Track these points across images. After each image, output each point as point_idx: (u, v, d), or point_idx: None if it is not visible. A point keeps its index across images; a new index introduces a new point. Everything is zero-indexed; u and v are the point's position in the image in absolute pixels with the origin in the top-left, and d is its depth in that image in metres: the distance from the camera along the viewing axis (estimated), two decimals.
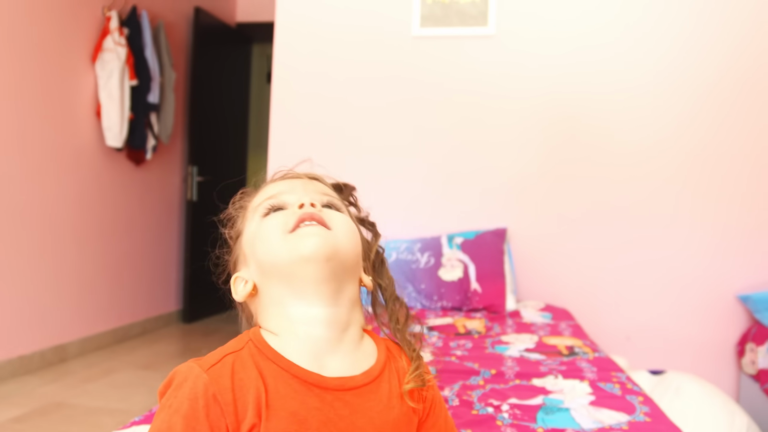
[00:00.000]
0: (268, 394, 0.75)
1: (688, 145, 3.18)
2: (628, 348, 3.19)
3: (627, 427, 1.44)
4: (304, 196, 0.88)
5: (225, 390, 0.74)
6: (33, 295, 3.66)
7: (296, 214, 0.85)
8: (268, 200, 0.90)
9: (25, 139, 3.54)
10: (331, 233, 0.83)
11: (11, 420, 2.88)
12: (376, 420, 0.80)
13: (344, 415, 0.78)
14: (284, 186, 0.92)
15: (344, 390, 0.79)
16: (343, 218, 0.88)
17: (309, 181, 0.94)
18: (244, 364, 0.78)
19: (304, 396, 0.76)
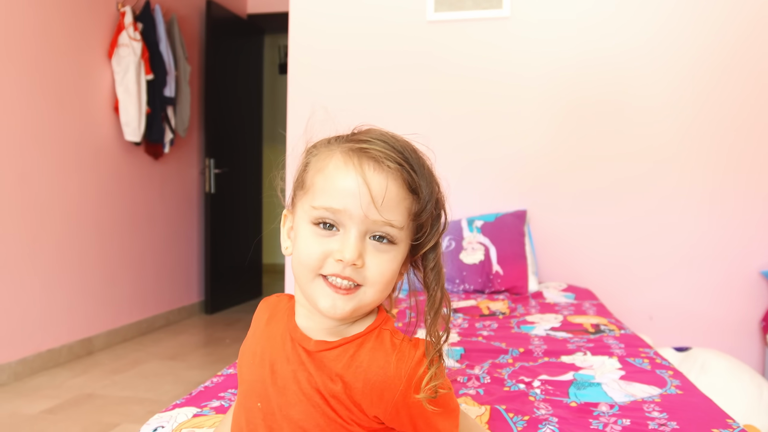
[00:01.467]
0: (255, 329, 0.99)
1: (708, 121, 3.16)
2: (651, 327, 3.20)
3: (660, 399, 1.45)
4: (353, 242, 0.82)
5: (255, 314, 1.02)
6: (59, 289, 3.71)
7: (332, 267, 0.83)
8: (324, 210, 0.83)
9: (45, 137, 3.57)
10: (356, 297, 0.84)
11: (44, 411, 2.93)
12: (306, 386, 0.87)
13: (290, 362, 0.89)
14: (348, 196, 0.82)
15: (301, 345, 0.89)
16: (382, 266, 0.84)
17: (380, 193, 0.82)
18: (273, 305, 1.00)
19: (281, 337, 0.92)
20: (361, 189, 0.81)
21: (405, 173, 0.84)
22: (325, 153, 0.88)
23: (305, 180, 0.88)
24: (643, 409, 1.38)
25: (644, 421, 1.31)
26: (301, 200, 0.88)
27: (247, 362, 0.95)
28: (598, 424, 1.29)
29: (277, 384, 0.89)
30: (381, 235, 0.84)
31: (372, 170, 0.83)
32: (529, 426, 1.28)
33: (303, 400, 0.86)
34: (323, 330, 0.88)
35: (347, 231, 0.83)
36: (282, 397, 0.88)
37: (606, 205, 3.26)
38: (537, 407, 1.39)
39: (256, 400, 0.91)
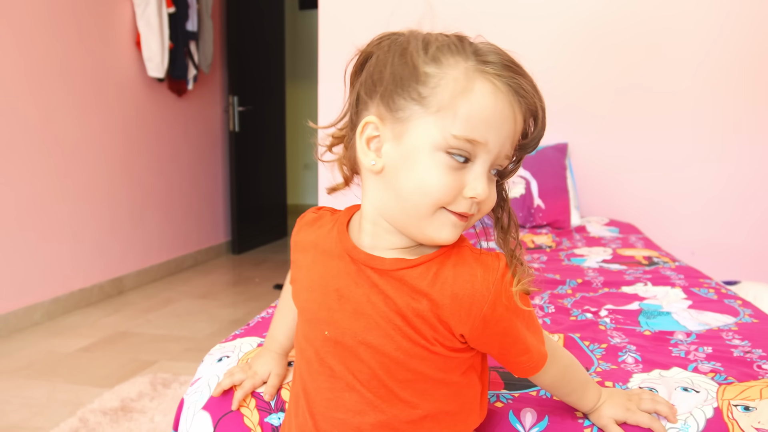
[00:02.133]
0: (309, 253, 0.90)
1: (753, 53, 3.04)
2: (693, 262, 3.13)
3: (736, 328, 1.39)
4: (484, 178, 0.77)
5: (296, 234, 0.96)
6: (88, 229, 3.68)
7: (462, 204, 0.77)
8: (466, 142, 0.75)
9: (67, 73, 3.49)
10: (470, 222, 0.81)
11: (81, 350, 2.93)
12: (389, 303, 0.81)
13: (361, 284, 0.83)
14: (493, 129, 0.76)
15: (370, 267, 0.82)
16: (492, 197, 0.80)
17: (519, 129, 0.79)
18: (316, 223, 0.93)
19: (338, 260, 0.85)
20: (508, 123, 0.77)
21: (539, 113, 0.80)
22: (456, 68, 0.76)
23: (432, 98, 0.76)
24: (722, 337, 1.33)
25: (727, 348, 1.25)
26: (423, 119, 0.76)
27: (305, 291, 0.89)
28: (679, 352, 1.24)
29: (347, 310, 0.83)
30: (500, 169, 0.81)
31: (518, 105, 0.78)
32: (608, 354, 1.23)
33: (381, 324, 0.80)
34: (395, 249, 0.82)
35: (478, 164, 0.77)
36: (356, 323, 0.82)
37: (647, 139, 3.16)
38: (611, 336, 1.34)
39: (323, 329, 0.85)
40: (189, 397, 1.12)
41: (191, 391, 1.14)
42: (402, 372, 0.82)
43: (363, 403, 0.83)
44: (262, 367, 1.10)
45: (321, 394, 0.86)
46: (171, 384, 2.38)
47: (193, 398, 1.11)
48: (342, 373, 0.84)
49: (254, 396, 1.07)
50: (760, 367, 1.14)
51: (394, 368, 0.81)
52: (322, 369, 0.86)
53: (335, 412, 0.85)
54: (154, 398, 2.22)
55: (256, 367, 1.10)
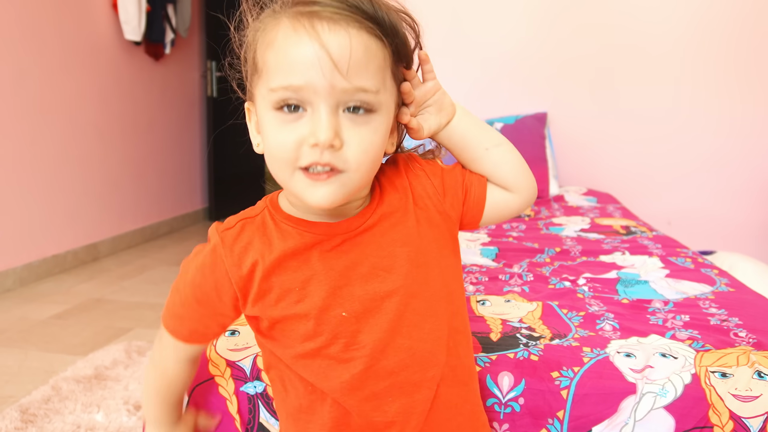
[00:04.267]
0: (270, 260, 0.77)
1: (727, 26, 3.04)
2: (669, 232, 3.15)
3: (713, 296, 1.40)
4: (325, 121, 0.69)
5: (231, 253, 0.78)
6: (61, 194, 3.61)
7: (309, 156, 0.70)
8: (284, 90, 0.70)
9: (41, 36, 3.39)
10: (341, 181, 0.71)
11: (54, 317, 2.89)
12: (387, 246, 0.78)
13: (352, 251, 0.78)
14: (308, 68, 0.69)
15: (350, 232, 0.78)
16: (364, 141, 0.71)
17: (343, 56, 0.68)
18: (255, 227, 0.80)
19: (313, 246, 0.78)
20: (320, 55, 0.68)
21: (367, 25, 0.70)
22: (271, 24, 0.73)
23: (256, 60, 0.74)
24: (700, 306, 1.33)
25: (704, 316, 1.26)
26: (257, 86, 0.74)
27: (297, 301, 0.78)
28: (656, 320, 1.24)
29: (355, 279, 0.77)
30: (356, 106, 0.71)
31: (327, 31, 0.68)
32: (586, 321, 1.23)
33: (391, 266, 0.78)
34: (345, 209, 0.78)
35: (315, 109, 0.69)
36: (368, 284, 0.77)
37: (624, 109, 3.17)
38: (589, 304, 1.34)
39: (338, 312, 0.77)
40: None
41: None
42: (421, 303, 0.79)
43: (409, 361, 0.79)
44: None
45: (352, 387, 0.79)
46: (146, 352, 2.35)
47: None
48: (372, 339, 0.78)
49: (229, 365, 1.06)
50: (736, 335, 1.15)
51: (414, 303, 0.79)
52: (348, 355, 0.78)
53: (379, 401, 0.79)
54: (128, 366, 2.20)
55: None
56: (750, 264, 2.48)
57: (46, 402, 1.92)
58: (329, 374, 0.78)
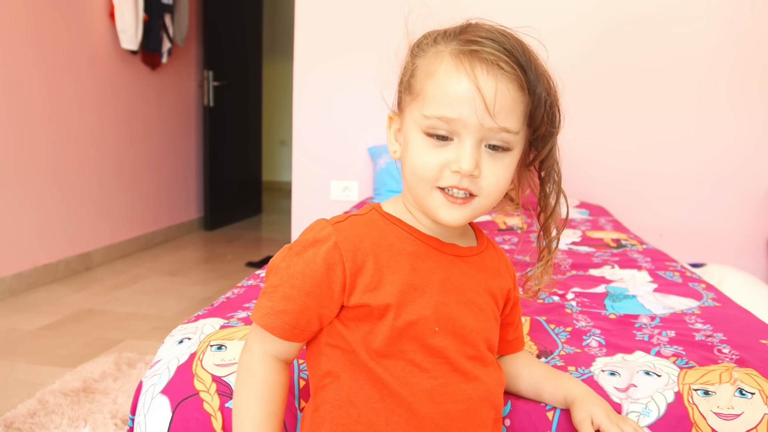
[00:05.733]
0: (385, 252, 0.83)
1: (722, 38, 3.06)
2: (661, 245, 3.16)
3: (699, 311, 1.40)
4: (469, 152, 0.78)
5: (347, 240, 0.82)
6: (55, 202, 3.61)
7: (449, 179, 0.79)
8: (437, 120, 0.79)
9: (38, 41, 3.40)
10: (472, 206, 0.82)
11: (44, 327, 2.87)
12: (481, 285, 0.88)
13: (458, 275, 0.86)
14: (462, 104, 0.77)
15: (456, 256, 0.88)
16: (498, 174, 0.81)
17: (494, 98, 0.77)
18: (366, 224, 0.86)
19: (425, 255, 0.85)
20: (475, 95, 0.77)
21: (518, 74, 0.79)
22: (433, 55, 0.82)
23: (413, 85, 0.83)
24: (685, 321, 1.33)
25: (689, 332, 1.26)
26: (409, 106, 0.84)
27: (391, 294, 0.81)
28: (642, 335, 1.25)
29: (456, 301, 0.85)
30: (496, 144, 0.80)
31: (485, 74, 0.78)
32: (573, 337, 1.23)
33: (483, 307, 0.88)
34: (452, 234, 0.89)
35: (462, 140, 0.79)
36: (466, 311, 0.86)
37: (618, 123, 3.18)
38: (576, 319, 1.34)
39: (431, 327, 0.82)
40: (147, 380, 1.10)
41: (150, 373, 1.12)
42: (489, 352, 0.89)
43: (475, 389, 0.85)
44: None
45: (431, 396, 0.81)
46: (136, 364, 2.35)
47: (152, 381, 1.09)
48: (458, 362, 0.83)
49: (215, 380, 1.05)
50: (720, 351, 1.15)
51: (487, 348, 0.88)
52: (430, 365, 0.81)
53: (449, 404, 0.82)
54: (118, 378, 2.19)
55: None
56: (740, 277, 2.49)
57: (32, 416, 1.91)
58: (410, 379, 0.81)
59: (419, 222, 0.87)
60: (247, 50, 5.49)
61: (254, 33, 5.63)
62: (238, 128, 5.41)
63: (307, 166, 3.41)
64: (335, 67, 3.30)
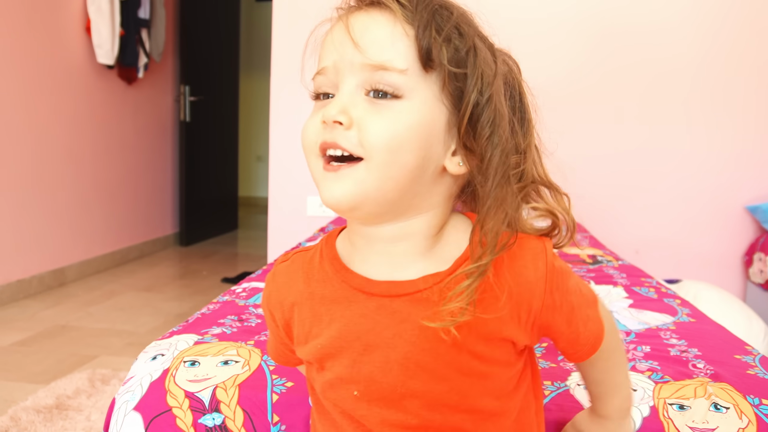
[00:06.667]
0: (306, 302, 0.74)
1: (698, 56, 3.11)
2: (637, 261, 3.19)
3: (674, 327, 1.41)
4: (335, 100, 0.66)
5: (276, 291, 0.78)
6: (28, 217, 3.57)
7: (320, 136, 0.66)
8: (318, 76, 0.70)
9: (13, 58, 3.37)
10: (357, 175, 0.64)
11: (16, 343, 2.83)
12: (429, 331, 0.66)
13: (388, 324, 0.68)
14: (333, 51, 0.67)
15: (391, 296, 0.68)
16: (383, 124, 0.64)
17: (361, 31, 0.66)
18: (301, 266, 0.77)
19: (348, 301, 0.71)
20: (345, 34, 0.66)
21: (402, 5, 0.65)
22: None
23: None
24: (661, 336, 1.34)
25: (664, 347, 1.27)
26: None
27: (317, 350, 0.73)
28: None
29: (377, 360, 0.69)
30: (381, 90, 0.64)
31: (356, 15, 0.67)
32: (548, 352, 1.24)
33: (425, 364, 0.68)
34: (402, 258, 0.69)
35: (339, 91, 0.67)
36: (391, 373, 0.69)
37: (591, 138, 3.20)
38: None
39: (350, 389, 0.71)
40: (120, 397, 1.09)
41: (123, 390, 1.10)
42: (458, 415, 0.70)
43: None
44: None
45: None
46: (110, 380, 2.32)
47: (125, 398, 1.08)
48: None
49: (188, 396, 1.04)
50: (695, 366, 1.16)
51: (448, 413, 0.70)
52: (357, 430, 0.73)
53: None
54: (91, 395, 2.16)
55: None
56: (715, 293, 2.52)
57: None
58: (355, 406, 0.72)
59: (355, 248, 0.72)
60: (223, 65, 5.49)
61: (231, 48, 5.63)
62: (214, 143, 5.39)
63: (283, 182, 3.40)
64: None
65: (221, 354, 1.15)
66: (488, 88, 0.66)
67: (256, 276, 1.83)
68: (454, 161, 0.68)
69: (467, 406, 0.70)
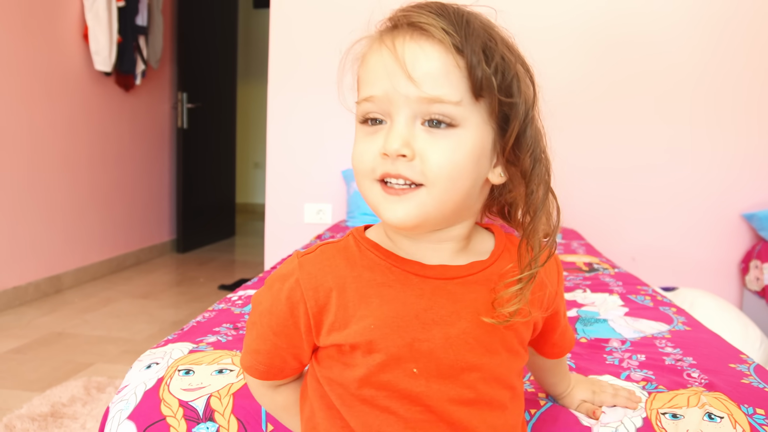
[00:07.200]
0: (351, 285, 0.74)
1: (694, 64, 3.12)
2: (633, 269, 3.19)
3: (670, 335, 1.41)
4: (395, 130, 0.68)
5: (309, 276, 0.75)
6: (25, 224, 3.56)
7: (382, 166, 0.69)
8: (365, 102, 0.71)
9: (10, 64, 3.37)
10: (419, 199, 0.68)
11: (12, 351, 2.82)
12: (486, 310, 0.74)
13: (446, 303, 0.73)
14: (384, 77, 0.69)
15: (445, 279, 0.74)
16: (442, 154, 0.68)
17: (415, 62, 0.67)
18: (335, 254, 0.77)
19: (401, 283, 0.74)
20: (395, 64, 0.67)
21: (446, 34, 0.67)
22: (368, 42, 0.74)
23: (357, 80, 0.75)
24: (656, 345, 1.34)
25: (659, 356, 1.27)
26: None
27: (367, 332, 0.73)
28: (613, 360, 1.25)
29: (437, 337, 0.73)
30: (436, 119, 0.68)
31: (406, 40, 0.68)
32: None
33: (480, 339, 0.74)
34: (447, 251, 0.76)
35: (393, 120, 0.69)
36: (451, 348, 0.73)
37: (589, 147, 3.21)
38: None
39: (408, 367, 0.72)
40: (114, 406, 1.09)
41: (117, 399, 1.10)
42: (503, 391, 0.77)
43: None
44: None
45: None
46: (106, 388, 2.31)
47: (119, 406, 1.07)
48: (443, 410, 0.73)
49: (182, 405, 1.04)
50: (689, 375, 1.16)
51: (498, 388, 0.76)
52: (412, 413, 0.73)
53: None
54: (87, 403, 2.15)
55: None
56: (711, 300, 2.52)
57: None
58: (384, 430, 0.73)
59: (396, 245, 0.76)
60: (221, 72, 5.49)
61: (229, 55, 5.64)
62: (212, 150, 5.39)
63: (280, 189, 3.40)
64: (309, 91, 3.31)
65: (216, 362, 1.15)
66: (531, 109, 0.73)
67: (252, 283, 1.82)
68: (496, 172, 0.75)
69: (509, 382, 0.78)
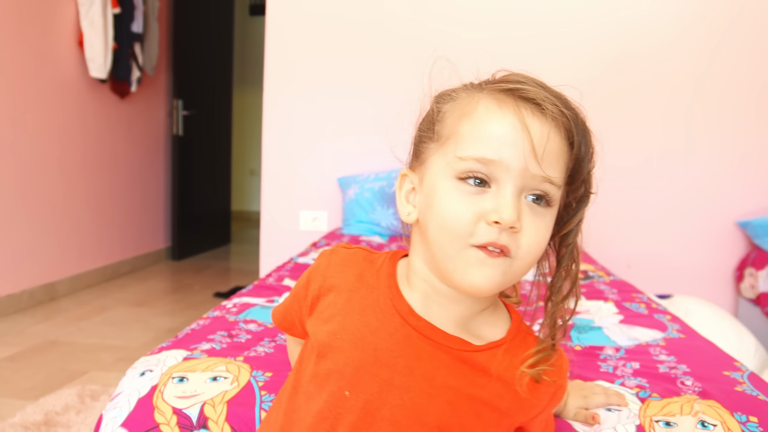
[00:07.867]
0: (344, 295, 0.76)
1: (688, 72, 3.13)
2: (629, 276, 3.19)
3: (664, 343, 1.42)
4: (510, 200, 0.67)
5: (329, 265, 0.79)
6: (19, 232, 3.55)
7: (486, 233, 0.67)
8: (475, 161, 0.68)
9: (5, 70, 3.37)
10: (509, 267, 0.69)
11: (6, 359, 2.81)
12: (438, 385, 0.72)
13: (405, 354, 0.72)
14: (505, 144, 0.67)
15: (423, 335, 0.73)
16: (538, 233, 0.69)
17: (541, 141, 0.68)
18: (360, 261, 0.79)
19: (385, 318, 0.74)
20: (521, 136, 0.67)
21: (566, 121, 0.69)
22: (466, 98, 0.73)
23: (440, 130, 0.73)
24: (650, 353, 1.35)
25: (653, 364, 1.27)
26: (436, 153, 0.73)
27: (332, 335, 0.75)
28: (607, 367, 1.25)
29: (381, 377, 0.71)
30: (539, 195, 0.69)
31: (531, 114, 0.68)
32: None
33: (421, 399, 0.72)
34: (452, 322, 0.74)
35: (501, 187, 0.67)
36: (388, 394, 0.71)
37: None
38: None
39: (342, 387, 0.72)
40: (108, 413, 1.08)
41: (110, 406, 1.10)
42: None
43: None
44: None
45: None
46: (100, 396, 2.30)
47: (112, 414, 1.07)
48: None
49: (175, 413, 1.04)
50: (683, 383, 1.16)
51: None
52: (325, 420, 0.74)
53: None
54: (80, 411, 2.14)
55: None
56: (706, 308, 2.52)
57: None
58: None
59: (409, 282, 0.76)
60: (217, 79, 5.50)
61: (224, 62, 5.65)
62: (207, 157, 5.39)
63: (276, 196, 3.40)
64: (305, 98, 3.31)
65: (210, 370, 1.15)
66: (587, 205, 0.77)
67: (248, 291, 1.82)
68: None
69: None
